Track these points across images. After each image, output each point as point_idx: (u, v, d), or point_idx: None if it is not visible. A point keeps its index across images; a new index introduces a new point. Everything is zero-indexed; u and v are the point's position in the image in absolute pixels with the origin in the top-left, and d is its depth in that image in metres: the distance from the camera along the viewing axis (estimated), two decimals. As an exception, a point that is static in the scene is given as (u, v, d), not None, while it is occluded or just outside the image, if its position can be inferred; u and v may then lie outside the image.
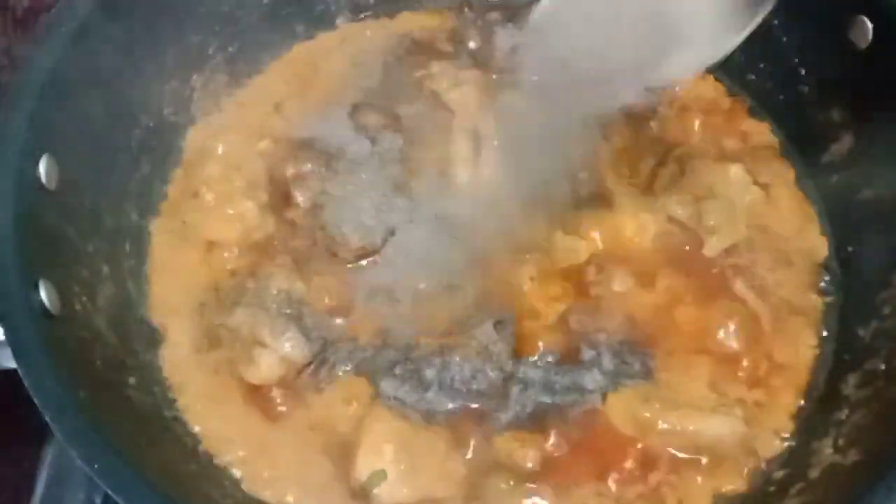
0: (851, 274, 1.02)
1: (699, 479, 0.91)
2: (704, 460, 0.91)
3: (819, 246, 1.04)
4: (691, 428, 0.91)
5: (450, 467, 0.89)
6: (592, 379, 0.94)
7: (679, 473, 0.91)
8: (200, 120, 1.10)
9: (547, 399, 0.93)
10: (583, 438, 0.92)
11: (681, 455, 0.91)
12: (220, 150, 1.06)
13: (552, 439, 0.91)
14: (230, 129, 1.09)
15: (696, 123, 1.11)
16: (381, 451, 0.88)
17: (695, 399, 0.94)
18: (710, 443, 0.91)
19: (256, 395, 0.93)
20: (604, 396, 0.93)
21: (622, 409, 0.93)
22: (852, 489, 0.80)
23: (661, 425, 0.91)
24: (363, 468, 0.87)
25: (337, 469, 0.89)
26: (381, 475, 0.87)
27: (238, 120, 1.11)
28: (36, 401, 0.73)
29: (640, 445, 0.92)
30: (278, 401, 0.93)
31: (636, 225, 1.03)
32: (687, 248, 1.02)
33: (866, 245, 1.01)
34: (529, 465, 0.90)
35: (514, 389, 0.92)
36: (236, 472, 0.89)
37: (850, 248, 1.03)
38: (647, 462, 0.91)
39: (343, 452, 0.90)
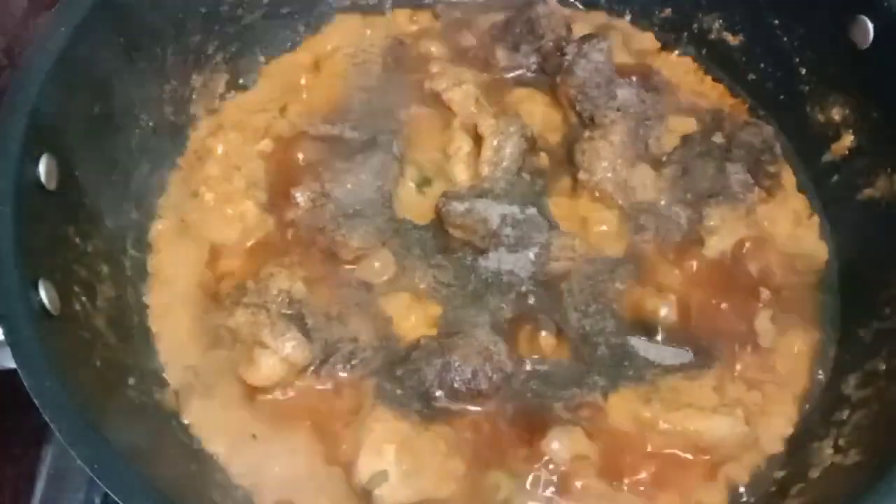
0: (851, 274, 1.02)
1: (700, 479, 0.91)
2: (706, 460, 0.91)
3: (820, 247, 1.04)
4: (692, 428, 0.91)
5: (451, 467, 0.89)
6: (591, 379, 0.94)
7: (680, 474, 0.91)
8: (201, 120, 1.10)
9: (547, 393, 0.93)
10: (583, 437, 0.91)
11: (682, 455, 0.91)
12: (219, 150, 1.06)
13: (552, 439, 0.91)
14: (230, 129, 1.09)
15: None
16: (383, 452, 0.87)
17: (696, 399, 0.94)
18: (711, 443, 0.91)
19: (257, 396, 0.92)
20: (605, 396, 0.93)
21: (623, 408, 0.93)
22: (852, 489, 0.79)
23: (663, 425, 0.91)
24: (364, 469, 0.87)
25: (339, 470, 0.89)
26: (382, 476, 0.87)
27: (238, 120, 1.11)
28: (36, 401, 0.73)
29: (641, 445, 0.92)
30: (279, 402, 0.92)
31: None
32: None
33: (866, 245, 1.01)
34: (529, 463, 0.90)
35: (514, 384, 0.92)
36: (236, 473, 0.89)
37: (850, 248, 1.03)
38: (649, 462, 0.91)
39: (345, 453, 0.89)
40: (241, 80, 1.14)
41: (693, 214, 1.04)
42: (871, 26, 0.97)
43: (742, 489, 0.91)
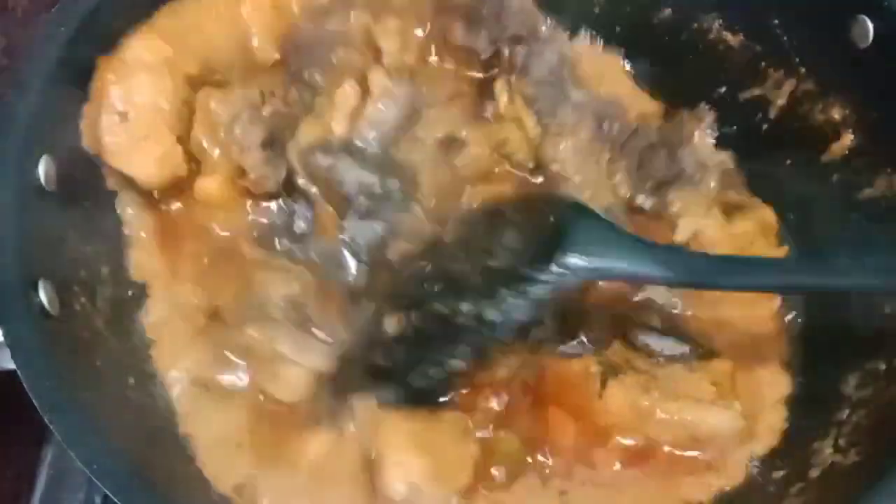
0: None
1: (696, 474, 0.91)
2: (701, 455, 0.91)
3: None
4: (689, 418, 0.91)
5: (469, 452, 0.88)
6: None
7: (676, 468, 0.91)
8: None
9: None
10: (580, 419, 0.92)
11: (676, 447, 0.91)
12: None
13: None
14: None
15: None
16: (407, 465, 0.85)
17: (695, 391, 0.93)
18: (707, 435, 0.91)
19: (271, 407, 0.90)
20: (603, 383, 0.93)
21: (622, 395, 0.92)
22: (852, 489, 0.80)
23: (660, 415, 0.91)
24: (395, 489, 0.85)
25: (361, 477, 0.88)
26: (415, 489, 0.84)
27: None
28: (35, 402, 0.73)
29: (636, 435, 0.91)
30: (286, 412, 0.90)
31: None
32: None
33: (867, 244, 1.01)
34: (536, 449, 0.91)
35: None
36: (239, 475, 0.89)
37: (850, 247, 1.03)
38: (646, 454, 0.91)
39: (359, 463, 0.88)
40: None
41: (657, 203, 1.05)
42: (871, 26, 0.97)
43: (738, 486, 0.91)
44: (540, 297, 0.85)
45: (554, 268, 0.83)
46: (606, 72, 1.15)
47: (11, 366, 0.75)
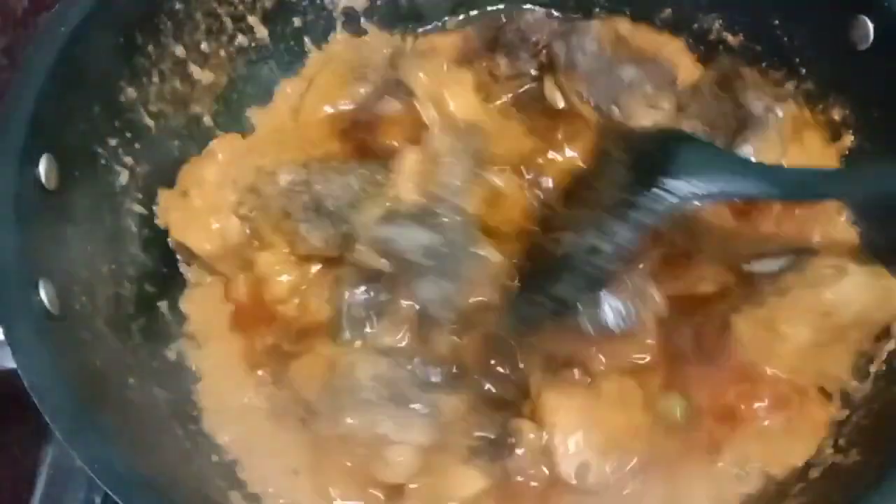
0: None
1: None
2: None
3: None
4: (825, 297, 0.87)
5: (636, 422, 0.87)
6: None
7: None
8: (203, 119, 1.10)
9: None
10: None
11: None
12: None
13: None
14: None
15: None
16: (573, 445, 0.84)
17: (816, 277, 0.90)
18: (845, 304, 0.88)
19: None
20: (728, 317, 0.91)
21: (751, 322, 0.90)
22: (852, 489, 0.79)
23: (794, 309, 0.88)
24: (568, 469, 0.84)
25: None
26: (584, 468, 0.84)
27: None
28: (35, 401, 0.73)
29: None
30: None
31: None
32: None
33: (866, 244, 1.01)
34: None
35: None
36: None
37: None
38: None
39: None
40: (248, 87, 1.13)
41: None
42: (871, 26, 0.97)
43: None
44: (646, 223, 0.85)
45: (658, 192, 0.83)
46: (645, 37, 1.15)
47: (12, 365, 0.75)
